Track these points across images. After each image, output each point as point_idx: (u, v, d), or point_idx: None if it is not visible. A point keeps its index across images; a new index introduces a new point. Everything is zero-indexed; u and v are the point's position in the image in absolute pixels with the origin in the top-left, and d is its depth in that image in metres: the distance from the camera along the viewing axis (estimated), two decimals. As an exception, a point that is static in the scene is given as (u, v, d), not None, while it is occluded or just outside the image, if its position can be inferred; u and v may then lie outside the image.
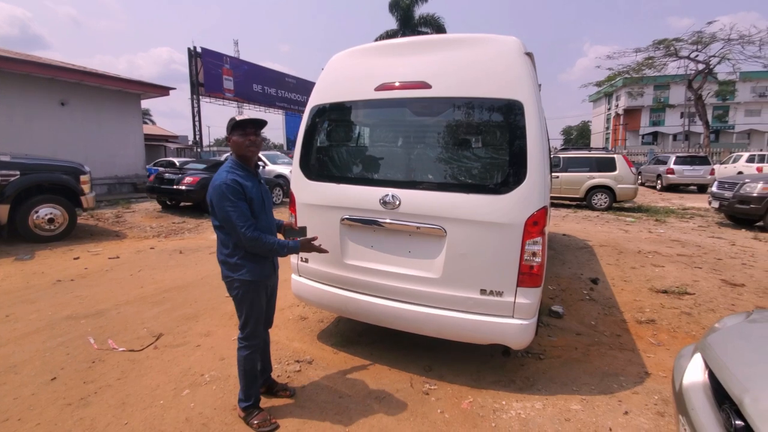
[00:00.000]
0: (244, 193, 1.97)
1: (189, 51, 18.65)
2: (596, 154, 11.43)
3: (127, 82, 13.15)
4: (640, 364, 2.92)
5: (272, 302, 2.37)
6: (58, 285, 4.45)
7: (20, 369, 2.71)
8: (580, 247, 6.52)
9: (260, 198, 2.09)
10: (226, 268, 2.09)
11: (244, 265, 2.05)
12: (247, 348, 2.14)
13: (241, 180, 1.99)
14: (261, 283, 2.13)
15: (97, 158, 12.05)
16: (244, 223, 1.93)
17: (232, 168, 2.03)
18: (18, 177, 5.99)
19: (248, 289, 2.08)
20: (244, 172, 2.05)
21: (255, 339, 2.15)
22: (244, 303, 2.10)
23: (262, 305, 2.17)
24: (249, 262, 2.06)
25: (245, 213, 1.95)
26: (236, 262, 2.05)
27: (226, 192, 1.92)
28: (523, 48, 2.36)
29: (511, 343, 2.41)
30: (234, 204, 1.92)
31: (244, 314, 2.12)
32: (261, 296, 2.15)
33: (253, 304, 2.11)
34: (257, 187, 2.10)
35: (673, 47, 22.13)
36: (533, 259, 2.29)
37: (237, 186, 1.94)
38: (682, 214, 10.26)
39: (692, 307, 3.94)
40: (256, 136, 2.05)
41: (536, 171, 2.26)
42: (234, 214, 1.92)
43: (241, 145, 2.02)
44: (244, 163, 2.08)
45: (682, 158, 16.41)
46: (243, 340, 2.15)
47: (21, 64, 10.40)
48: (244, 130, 2.02)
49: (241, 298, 2.09)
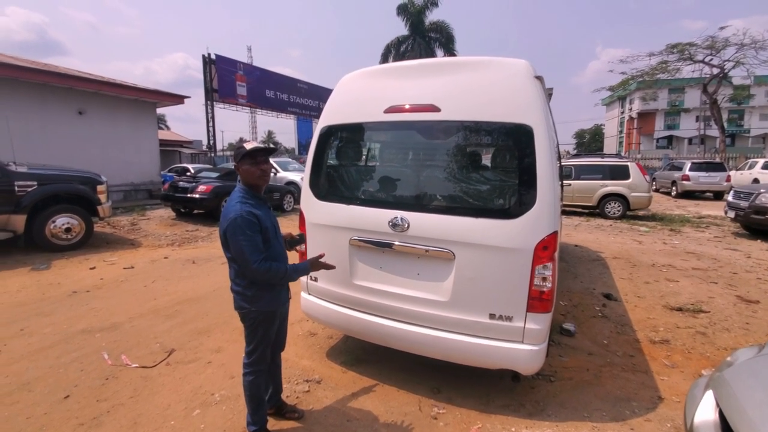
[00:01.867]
0: (259, 225, 1.93)
1: (204, 58, 19.01)
2: (609, 162, 11.26)
3: (143, 91, 13.41)
4: (653, 387, 2.87)
5: (284, 326, 2.36)
6: (74, 296, 4.54)
7: (34, 386, 2.77)
8: (593, 260, 6.43)
9: (272, 225, 2.08)
10: (241, 299, 2.05)
11: (262, 297, 2.03)
12: (252, 373, 2.13)
13: (255, 210, 1.94)
14: (277, 312, 2.13)
15: (113, 166, 12.29)
16: (257, 257, 1.89)
17: (245, 198, 1.98)
18: (35, 187, 6.15)
19: (264, 319, 2.08)
20: (255, 201, 2.01)
21: (261, 364, 2.15)
22: (257, 332, 2.09)
23: (273, 333, 2.17)
24: (267, 292, 2.05)
25: (258, 246, 1.91)
26: (254, 294, 2.02)
27: (242, 225, 1.87)
28: (532, 71, 2.35)
29: (520, 368, 2.38)
30: (249, 237, 1.87)
31: (255, 342, 2.11)
32: (274, 325, 2.15)
33: (266, 333, 2.11)
34: (268, 214, 2.08)
35: (687, 51, 21.77)
36: (543, 285, 2.27)
37: (252, 218, 1.90)
38: (698, 223, 10.06)
39: (707, 326, 3.85)
40: (267, 164, 2.03)
41: (546, 195, 2.24)
42: (248, 248, 1.87)
43: (253, 175, 1.99)
44: (255, 192, 2.05)
45: (697, 164, 16.08)
46: (249, 365, 2.13)
47: (39, 74, 10.66)
48: (254, 159, 1.98)
49: (256, 327, 2.08)
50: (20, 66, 10.41)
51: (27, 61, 12.12)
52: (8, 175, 5.96)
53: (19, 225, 6.10)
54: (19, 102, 10.46)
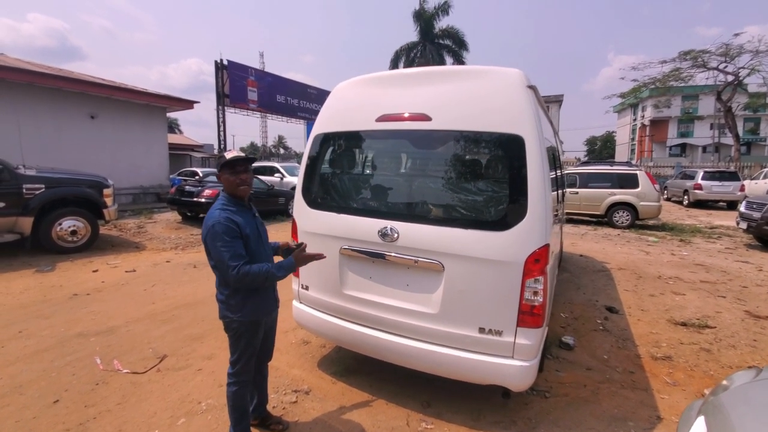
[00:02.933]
0: (239, 231, 1.92)
1: (216, 63, 19.25)
2: (618, 170, 11.08)
3: (153, 96, 13.65)
4: (652, 406, 2.77)
5: (271, 336, 2.32)
6: (74, 299, 4.59)
7: (26, 389, 2.78)
8: (598, 270, 6.30)
9: (256, 232, 2.06)
10: (225, 308, 2.03)
11: (245, 306, 2.00)
12: (236, 384, 2.10)
13: (235, 217, 1.94)
14: (261, 322, 2.10)
15: (123, 169, 12.51)
16: (236, 262, 1.86)
17: (225, 205, 1.98)
18: (43, 190, 6.26)
19: (248, 329, 2.04)
20: (237, 208, 2.00)
21: (245, 375, 2.11)
22: (240, 342, 2.06)
23: (257, 342, 2.13)
24: (251, 301, 2.01)
25: (238, 252, 1.89)
26: (237, 302, 1.99)
27: (220, 231, 1.86)
28: (525, 81, 2.31)
29: (510, 385, 2.32)
30: (228, 243, 1.86)
31: (239, 352, 2.07)
32: (258, 335, 2.11)
33: (249, 343, 2.07)
34: (252, 221, 2.06)
35: (700, 58, 21.41)
36: (534, 299, 2.21)
37: (231, 224, 1.89)
38: (709, 233, 9.82)
39: (712, 342, 3.73)
40: (247, 173, 2.01)
41: (537, 207, 2.19)
42: (227, 254, 1.85)
43: (232, 184, 1.98)
44: (238, 200, 2.04)
45: (710, 173, 15.76)
46: (233, 375, 2.10)
47: (54, 79, 10.93)
48: (233, 168, 1.97)
49: (239, 337, 2.05)
50: (35, 71, 10.68)
51: (42, 66, 12.42)
52: (17, 178, 6.08)
53: (26, 227, 6.21)
54: (33, 106, 10.72)
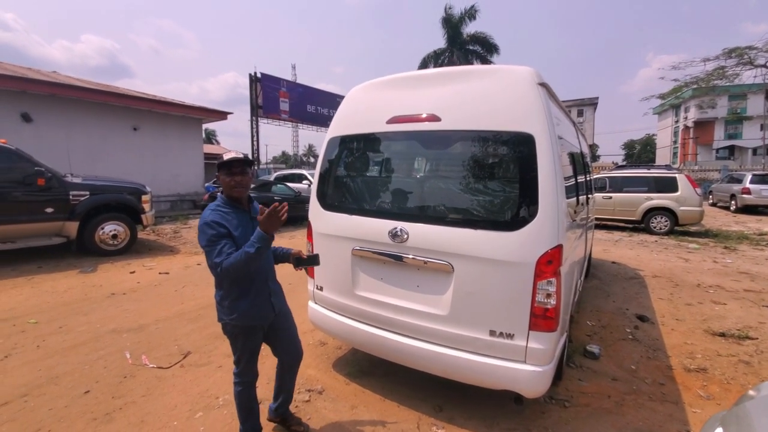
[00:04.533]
0: (228, 230, 1.89)
1: (250, 76, 20.09)
2: (655, 173, 10.55)
3: (189, 108, 14.38)
4: (682, 420, 2.60)
5: (287, 336, 2.24)
6: (111, 298, 4.87)
7: (60, 380, 2.97)
8: (630, 278, 6.00)
9: (249, 235, 1.91)
10: (220, 311, 2.05)
11: (235, 309, 1.99)
12: (239, 384, 2.13)
13: (223, 219, 1.90)
14: (255, 327, 2.07)
15: (162, 177, 13.22)
16: (219, 259, 1.81)
17: (218, 206, 1.97)
18: (88, 197, 6.71)
19: (241, 331, 2.05)
20: (230, 209, 1.98)
21: (248, 376, 2.14)
22: (237, 344, 2.09)
23: (255, 345, 2.12)
24: (241, 304, 1.99)
25: (221, 250, 1.83)
26: (228, 305, 2.00)
27: (205, 230, 1.87)
28: (536, 78, 2.27)
29: (522, 390, 2.25)
30: (211, 243, 1.84)
31: (238, 353, 2.10)
32: (255, 338, 2.10)
33: (245, 345, 2.08)
34: (247, 224, 1.99)
35: (747, 56, 20.13)
36: (547, 302, 2.15)
37: (215, 224, 1.87)
38: (758, 240, 9.13)
39: (753, 354, 3.46)
40: (243, 175, 1.96)
41: (549, 207, 2.13)
42: (211, 253, 1.84)
43: (227, 185, 1.96)
44: (233, 201, 2.01)
45: (759, 176, 14.69)
46: (237, 375, 2.15)
47: (99, 94, 11.80)
48: (229, 169, 1.94)
49: (235, 339, 2.08)
50: (84, 87, 11.56)
51: (90, 83, 13.41)
52: (64, 185, 6.55)
53: (73, 231, 6.67)
54: (82, 119, 11.58)
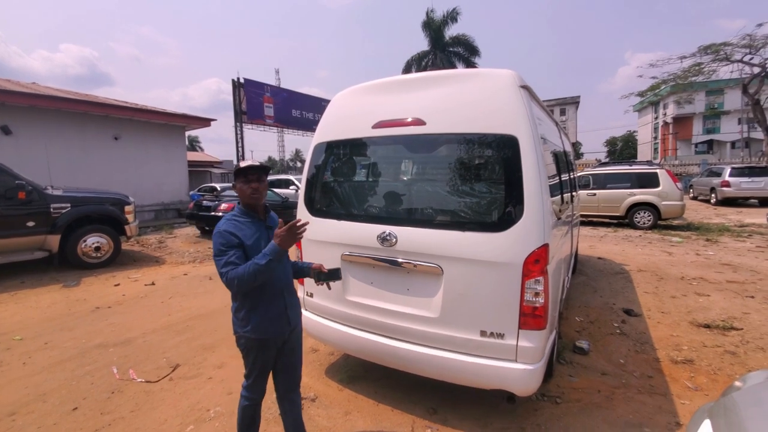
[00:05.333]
0: (239, 241, 1.85)
1: (233, 82, 19.84)
2: (637, 169, 10.77)
3: (172, 116, 14.18)
4: (671, 412, 2.65)
5: (293, 359, 2.12)
6: (96, 312, 4.76)
7: (48, 397, 2.90)
8: (616, 273, 6.11)
9: (264, 246, 1.90)
10: (235, 323, 1.99)
11: (249, 321, 1.93)
12: (246, 399, 2.05)
13: (236, 229, 1.87)
14: (269, 341, 1.98)
15: (145, 186, 13.01)
16: (226, 269, 1.79)
17: (234, 215, 1.94)
18: (69, 209, 6.56)
19: (254, 345, 1.96)
20: (246, 219, 1.94)
21: (254, 393, 2.05)
22: (248, 357, 2.00)
23: (267, 361, 2.02)
24: (255, 317, 1.93)
25: (230, 261, 1.80)
26: (242, 317, 1.94)
27: (216, 238, 1.85)
28: (518, 81, 2.31)
29: (514, 389, 2.26)
30: (222, 252, 1.82)
31: (249, 368, 2.02)
32: (268, 353, 2.00)
33: (256, 360, 1.99)
34: (262, 234, 1.95)
35: (722, 52, 20.72)
36: (536, 300, 2.17)
37: (228, 234, 1.85)
38: (739, 232, 9.39)
39: (738, 345, 3.55)
40: (259, 183, 1.94)
41: (534, 207, 2.16)
42: (219, 262, 1.82)
43: (244, 193, 1.93)
44: (250, 210, 1.97)
45: (738, 169, 15.11)
46: (245, 389, 2.06)
47: (79, 104, 11.56)
48: (246, 177, 1.91)
49: (247, 353, 2.00)
50: (63, 97, 11.32)
51: (69, 92, 13.14)
52: (45, 198, 6.40)
53: (54, 244, 6.52)
54: (62, 130, 11.32)
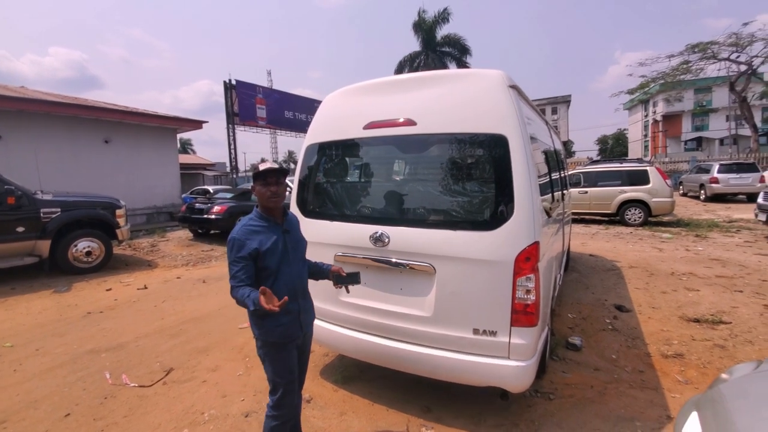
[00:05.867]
0: (250, 251, 1.81)
1: (225, 84, 19.79)
2: (627, 167, 10.90)
3: (163, 119, 14.08)
4: (662, 405, 2.69)
5: (302, 362, 2.11)
6: (88, 318, 4.71)
7: (40, 404, 2.87)
8: (608, 269, 6.18)
9: (282, 249, 1.89)
10: (252, 324, 1.95)
11: (263, 324, 1.89)
12: (275, 418, 1.92)
13: (251, 235, 1.85)
14: (286, 344, 1.92)
15: (137, 190, 12.89)
16: (233, 283, 1.80)
17: (251, 219, 1.92)
18: (59, 214, 6.49)
19: (270, 349, 1.91)
20: (263, 223, 1.91)
21: (284, 408, 1.92)
22: (265, 363, 1.95)
23: (287, 366, 1.92)
24: (267, 320, 1.88)
25: (237, 274, 1.80)
26: (255, 320, 1.90)
27: (229, 248, 1.86)
28: (507, 81, 2.33)
29: (507, 385, 2.29)
30: (233, 261, 1.83)
31: (270, 376, 1.94)
32: (286, 356, 1.92)
33: (275, 366, 1.91)
34: (279, 237, 1.91)
35: (710, 50, 21.05)
36: (527, 297, 2.20)
37: (239, 245, 1.83)
38: (728, 227, 9.53)
39: (727, 338, 3.61)
40: (278, 185, 1.91)
41: (525, 205, 2.19)
42: (230, 272, 1.83)
43: (263, 196, 1.90)
44: (268, 214, 1.94)
45: (726, 166, 15.36)
46: (272, 408, 1.93)
47: (69, 107, 11.42)
48: (265, 180, 1.88)
49: (263, 358, 1.95)
50: (52, 101, 11.17)
51: (58, 96, 12.98)
52: (35, 203, 6.32)
53: (45, 250, 6.44)
54: (51, 134, 11.17)
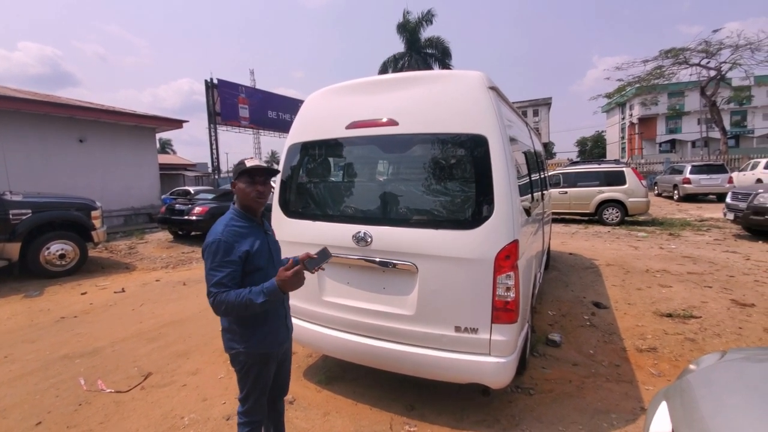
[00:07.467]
0: (240, 256, 1.66)
1: (206, 83, 19.41)
2: (605, 168, 11.21)
3: (141, 118, 13.72)
4: (636, 398, 2.78)
5: (285, 368, 2.01)
6: (61, 322, 4.56)
7: (9, 413, 2.76)
8: (586, 267, 6.34)
9: (266, 250, 1.78)
10: (230, 338, 1.76)
11: (253, 334, 1.73)
12: (247, 425, 1.82)
13: (240, 237, 1.68)
14: (272, 354, 1.81)
15: (114, 191, 12.52)
16: (216, 290, 1.60)
17: (232, 219, 1.73)
18: (30, 215, 6.25)
19: (256, 362, 1.77)
20: (245, 223, 1.74)
21: (256, 415, 1.84)
22: (249, 377, 1.78)
23: (268, 377, 1.84)
24: (259, 329, 1.74)
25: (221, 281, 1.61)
26: (241, 331, 1.73)
27: (215, 250, 1.63)
28: (486, 82, 2.37)
29: (488, 382, 2.33)
30: (216, 267, 1.62)
31: (248, 388, 1.80)
32: (269, 368, 1.82)
33: (258, 378, 1.79)
34: (262, 238, 1.78)
35: (682, 56, 21.87)
36: (507, 295, 2.24)
37: (228, 248, 1.64)
38: (699, 226, 9.91)
39: (697, 332, 3.75)
40: (265, 186, 1.75)
41: (504, 204, 2.23)
42: (211, 278, 1.61)
43: (247, 195, 1.72)
44: (249, 213, 1.78)
45: (698, 167, 15.97)
46: (243, 414, 1.83)
47: (40, 105, 10.98)
48: (252, 177, 1.72)
49: (247, 371, 1.77)
50: (20, 98, 10.73)
51: (27, 92, 12.50)
52: (3, 204, 6.08)
53: (14, 253, 6.19)
54: (20, 132, 10.74)
